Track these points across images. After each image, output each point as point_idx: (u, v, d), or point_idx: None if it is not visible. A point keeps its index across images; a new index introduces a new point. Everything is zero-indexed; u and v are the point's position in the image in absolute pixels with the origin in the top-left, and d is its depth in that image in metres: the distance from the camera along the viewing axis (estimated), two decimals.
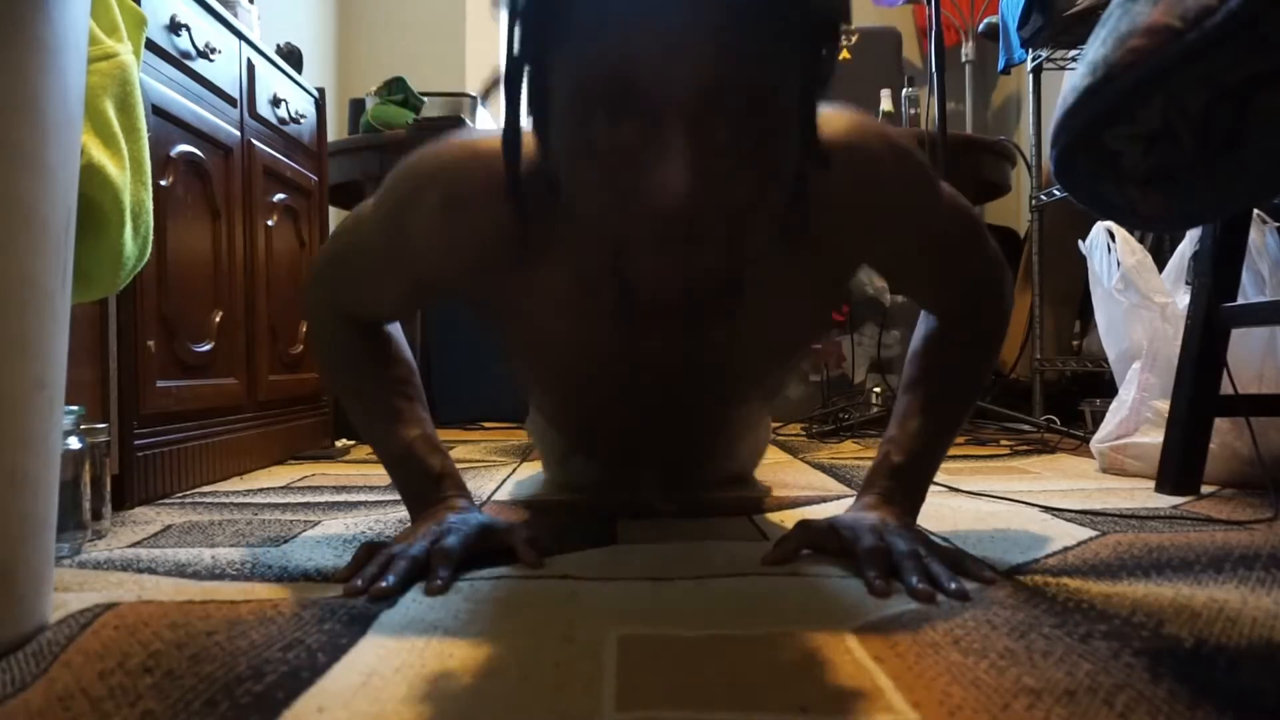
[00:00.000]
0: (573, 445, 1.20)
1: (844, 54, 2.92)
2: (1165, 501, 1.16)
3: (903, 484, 0.87)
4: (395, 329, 0.96)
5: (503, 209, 0.73)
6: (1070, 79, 0.74)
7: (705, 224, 0.59)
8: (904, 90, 2.73)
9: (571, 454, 1.26)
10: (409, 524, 0.88)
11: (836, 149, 0.69)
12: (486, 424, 2.52)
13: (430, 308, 0.90)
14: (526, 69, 0.63)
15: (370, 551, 0.79)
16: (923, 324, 0.95)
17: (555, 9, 0.59)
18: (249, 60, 1.61)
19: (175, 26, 1.33)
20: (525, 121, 0.66)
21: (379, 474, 1.51)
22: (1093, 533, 0.95)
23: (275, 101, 1.73)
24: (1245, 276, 1.27)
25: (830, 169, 0.68)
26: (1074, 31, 2.11)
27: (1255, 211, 1.29)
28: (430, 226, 0.78)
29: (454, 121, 2.40)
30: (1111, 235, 1.50)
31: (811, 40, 0.62)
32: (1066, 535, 0.94)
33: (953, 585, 0.70)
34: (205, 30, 1.43)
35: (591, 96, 0.58)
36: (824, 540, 0.82)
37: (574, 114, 0.60)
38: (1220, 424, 1.26)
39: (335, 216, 2.69)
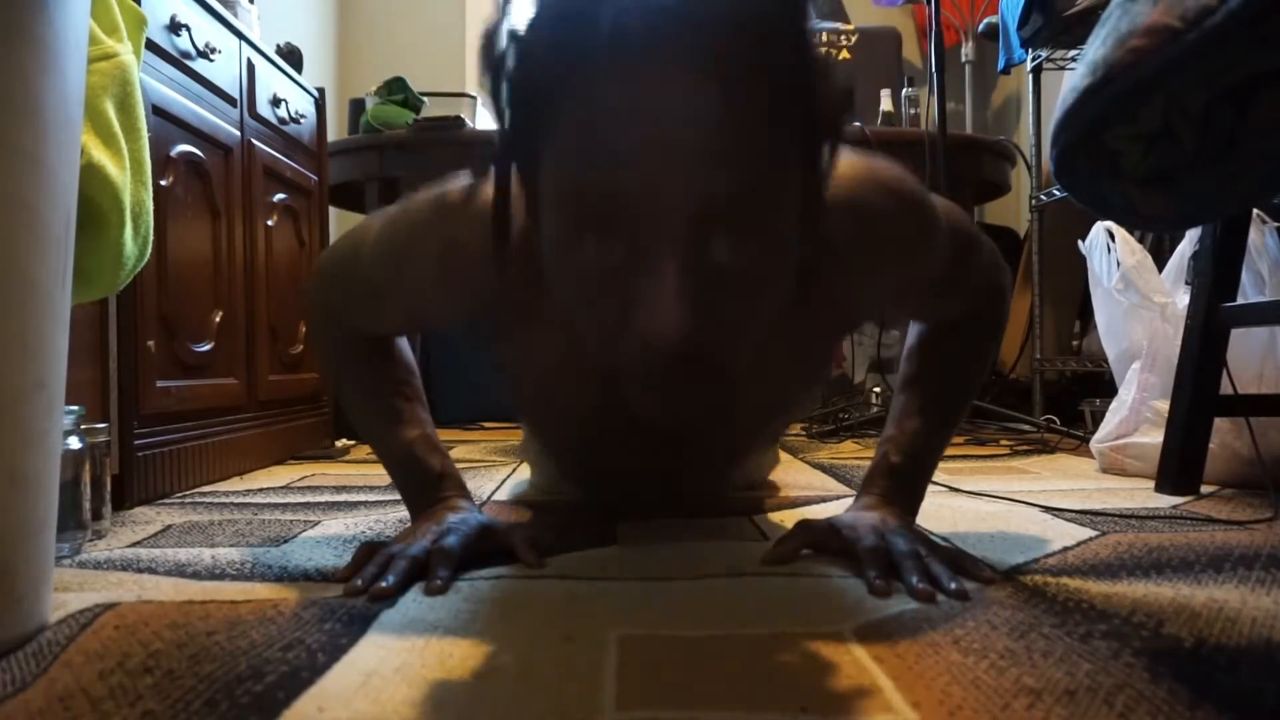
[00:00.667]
0: (566, 476, 1.18)
1: (844, 54, 2.93)
2: (1165, 501, 1.16)
3: (902, 483, 0.87)
4: None
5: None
6: (1070, 79, 0.74)
7: (701, 353, 0.55)
8: (904, 90, 2.73)
9: (564, 480, 1.24)
10: (409, 524, 0.88)
11: (835, 208, 0.65)
12: (486, 424, 2.52)
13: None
14: (515, 159, 0.60)
15: (370, 551, 0.79)
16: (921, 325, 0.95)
17: (540, 109, 0.55)
18: (249, 60, 1.61)
19: (175, 26, 1.33)
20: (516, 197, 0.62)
21: (379, 474, 1.51)
22: (1093, 533, 0.95)
23: (275, 101, 1.73)
24: (1245, 276, 1.27)
25: (829, 240, 0.64)
26: (1074, 31, 2.11)
27: (1255, 211, 1.29)
28: (427, 276, 0.77)
29: (454, 121, 2.40)
30: (1111, 235, 1.50)
31: (814, 137, 0.58)
32: (1066, 535, 0.94)
33: (953, 585, 0.70)
34: (205, 30, 1.43)
35: (576, 208, 0.55)
36: (824, 540, 0.82)
37: (561, 227, 0.56)
38: (1220, 424, 1.26)
39: (335, 216, 2.69)
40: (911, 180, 0.78)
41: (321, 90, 2.00)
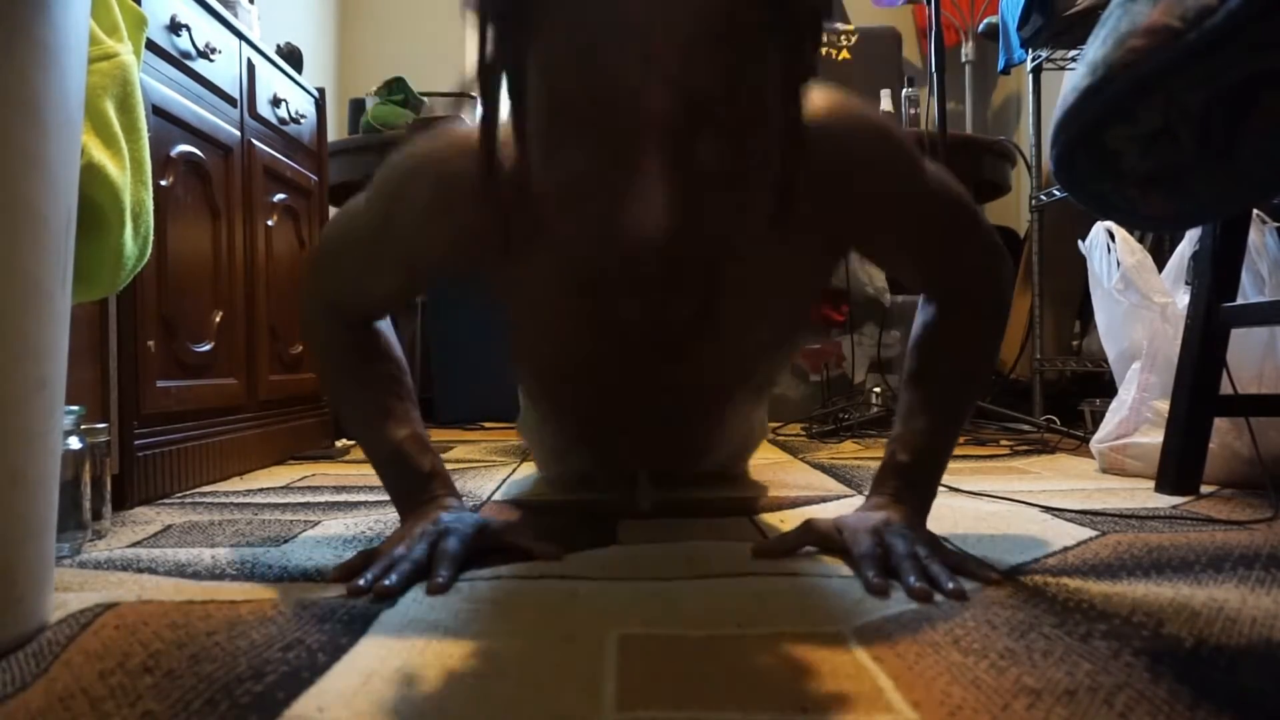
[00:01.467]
0: (562, 432, 1.20)
1: (844, 54, 2.93)
2: (1165, 501, 1.16)
3: (911, 483, 0.87)
4: (386, 327, 0.96)
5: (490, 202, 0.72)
6: (1070, 79, 0.74)
7: (686, 253, 0.57)
8: (904, 90, 2.73)
9: (562, 448, 1.26)
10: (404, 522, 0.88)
11: (814, 131, 0.66)
12: (486, 424, 2.52)
13: (424, 294, 0.89)
14: (501, 74, 0.61)
15: (368, 558, 0.79)
16: (921, 314, 0.94)
17: (523, 18, 0.56)
18: (249, 60, 1.61)
19: (175, 26, 1.33)
20: (505, 121, 0.64)
21: None
22: (1093, 533, 0.95)
23: (275, 101, 1.73)
24: (1245, 276, 1.27)
25: (809, 155, 0.65)
26: (1074, 31, 2.11)
27: (1255, 211, 1.29)
28: (418, 216, 0.78)
29: (454, 122, 2.40)
30: (1111, 235, 1.50)
31: (794, 36, 0.59)
32: (1066, 535, 0.94)
33: (950, 585, 0.70)
34: (205, 30, 1.43)
35: (563, 115, 0.56)
36: (827, 539, 0.83)
37: (547, 131, 0.57)
38: (1220, 424, 1.26)
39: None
40: (904, 132, 0.80)
41: (321, 90, 2.00)
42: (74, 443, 0.90)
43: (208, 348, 1.43)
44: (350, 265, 0.88)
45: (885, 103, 2.70)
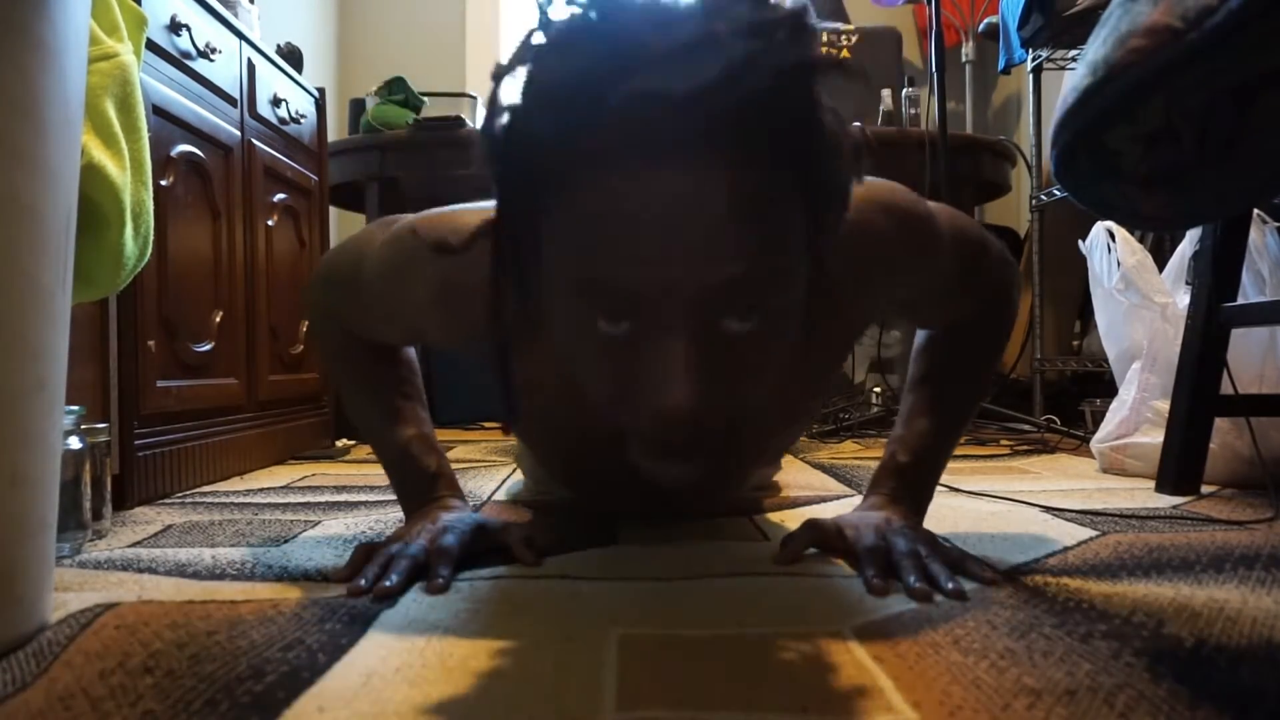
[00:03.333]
0: (563, 487, 1.16)
1: (844, 54, 2.93)
2: (1165, 501, 1.16)
3: (909, 483, 0.87)
4: None
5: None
6: (1070, 79, 0.74)
7: (711, 422, 0.55)
8: (904, 90, 2.73)
9: (561, 493, 1.22)
10: (406, 521, 0.88)
11: (836, 243, 0.63)
12: (486, 424, 2.52)
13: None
14: (518, 236, 0.58)
15: (368, 552, 0.79)
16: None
17: (540, 197, 0.54)
18: (249, 60, 1.61)
19: (175, 26, 1.33)
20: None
21: (379, 474, 1.51)
22: (1093, 533, 0.95)
23: (275, 101, 1.73)
24: (1245, 276, 1.27)
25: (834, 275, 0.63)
26: (1074, 31, 2.11)
27: (1255, 211, 1.29)
28: (423, 305, 0.78)
29: (454, 121, 2.40)
30: (1111, 235, 1.50)
31: (823, 213, 0.57)
32: (1066, 535, 0.94)
33: (950, 585, 0.70)
34: (205, 30, 1.43)
35: (582, 295, 0.54)
36: (829, 539, 0.83)
37: (565, 304, 0.56)
38: (1220, 424, 1.26)
39: (335, 216, 2.69)
40: (909, 196, 0.78)
41: (321, 90, 2.00)
42: (74, 443, 0.90)
43: (208, 348, 1.43)
44: (352, 310, 0.88)
45: (886, 103, 2.70)
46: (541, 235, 0.56)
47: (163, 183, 1.28)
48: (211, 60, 1.45)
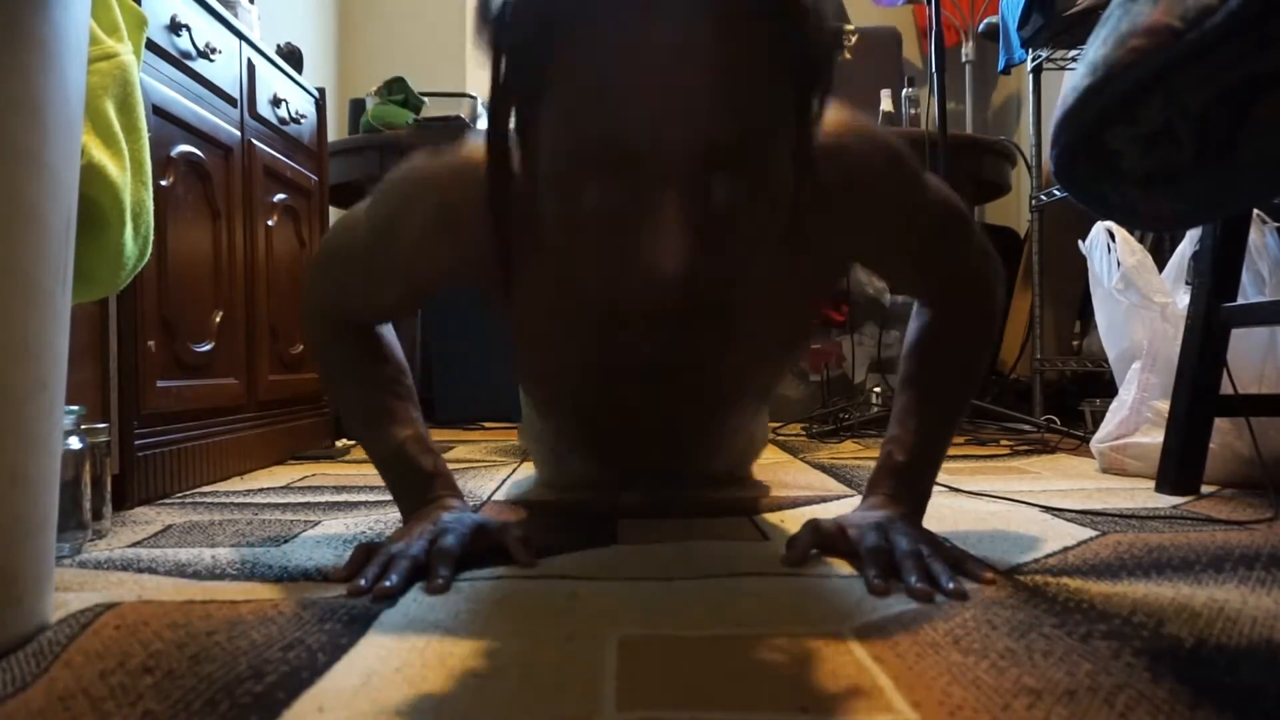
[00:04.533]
0: (565, 440, 1.20)
1: (844, 53, 2.92)
2: (1165, 501, 1.16)
3: (907, 483, 0.87)
4: (387, 330, 0.96)
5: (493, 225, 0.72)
6: (1070, 79, 0.74)
7: (700, 291, 0.57)
8: (904, 90, 2.73)
9: (564, 451, 1.26)
10: (405, 521, 0.88)
11: (824, 154, 0.67)
12: (486, 424, 2.52)
13: (426, 306, 0.89)
14: (512, 107, 0.60)
15: (368, 553, 0.79)
16: (916, 318, 0.95)
17: (540, 55, 0.56)
18: (249, 60, 1.61)
19: (175, 26, 1.33)
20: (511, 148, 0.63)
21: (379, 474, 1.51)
22: (1093, 533, 0.95)
23: (275, 101, 1.73)
24: (1245, 276, 1.27)
25: (819, 179, 0.66)
26: (1074, 31, 2.11)
27: (1255, 211, 1.29)
28: (419, 237, 0.78)
29: (454, 121, 2.40)
30: (1111, 235, 1.50)
31: (808, 77, 0.59)
32: (1066, 535, 0.94)
33: (951, 585, 0.70)
34: (205, 30, 1.43)
35: (578, 157, 0.56)
36: (831, 540, 0.83)
37: (561, 170, 0.57)
38: (1220, 424, 1.26)
39: (335, 216, 2.68)
40: (896, 138, 0.81)
41: (321, 90, 2.00)
42: (74, 443, 0.90)
43: (208, 348, 1.43)
44: (350, 276, 0.88)
45: (885, 103, 2.70)
46: (539, 105, 0.58)
47: (163, 183, 1.28)
48: (211, 60, 1.45)
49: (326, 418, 1.94)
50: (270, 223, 1.68)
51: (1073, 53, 2.26)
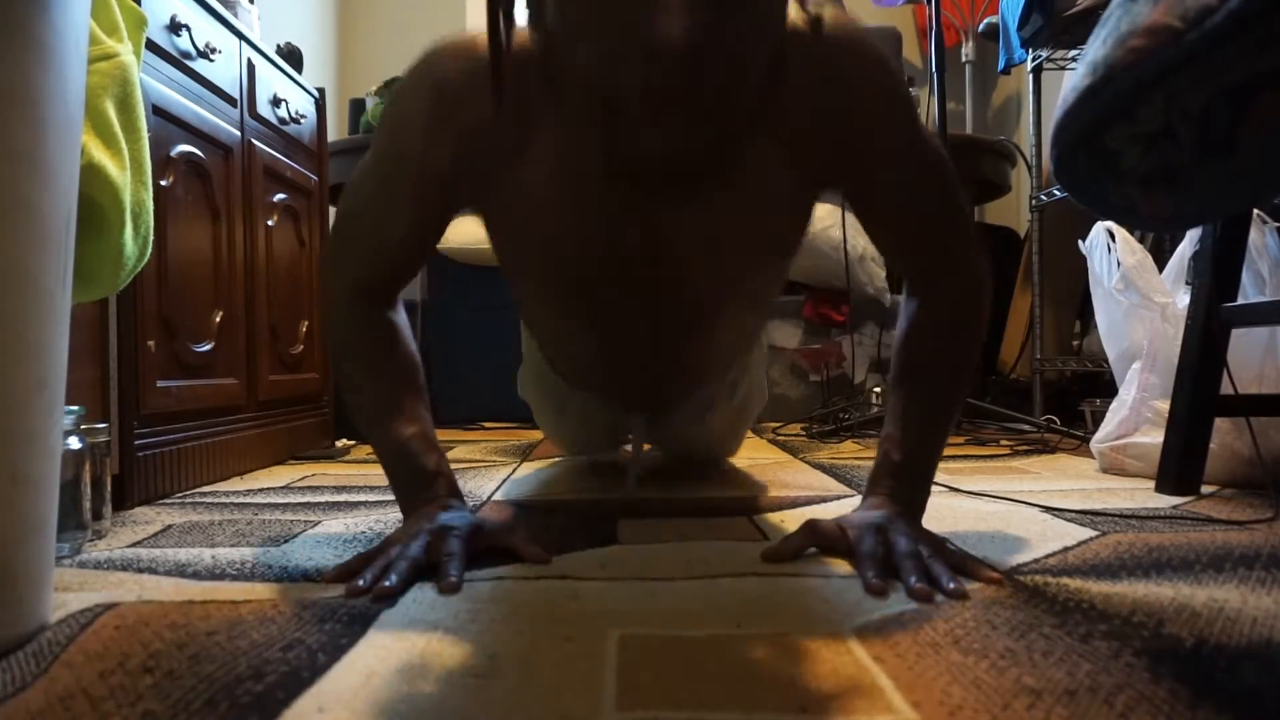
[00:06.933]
0: (566, 370, 1.25)
1: None
2: (1165, 501, 1.16)
3: (905, 481, 0.87)
4: (403, 322, 0.96)
5: (490, 97, 0.76)
6: (1070, 79, 0.74)
7: (699, 71, 0.64)
8: None
9: (562, 394, 1.31)
10: (404, 522, 0.88)
11: (820, 42, 0.74)
12: (486, 424, 2.52)
13: (436, 243, 0.93)
14: None
15: (367, 557, 0.79)
16: (905, 310, 0.94)
17: None
18: (249, 60, 1.61)
19: (175, 26, 1.33)
20: None
21: (379, 474, 1.51)
22: (1093, 533, 0.95)
23: (275, 101, 1.73)
24: (1245, 276, 1.27)
25: (813, 41, 0.74)
26: (1074, 31, 2.11)
27: (1255, 211, 1.29)
28: (420, 128, 0.83)
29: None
30: (1111, 235, 1.50)
31: None
32: (1066, 535, 0.94)
33: (951, 585, 0.70)
34: (205, 30, 1.43)
35: None
36: (830, 540, 0.83)
37: None
38: (1220, 424, 1.26)
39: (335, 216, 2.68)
40: (895, 62, 0.88)
41: (321, 90, 2.00)
42: (74, 443, 0.90)
43: (208, 348, 1.43)
44: (367, 212, 0.90)
45: None
46: None
47: (163, 183, 1.28)
48: (211, 60, 1.45)
49: (326, 418, 1.94)
50: (270, 223, 1.68)
51: (1073, 53, 2.26)
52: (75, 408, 0.90)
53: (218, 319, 1.47)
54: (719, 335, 1.10)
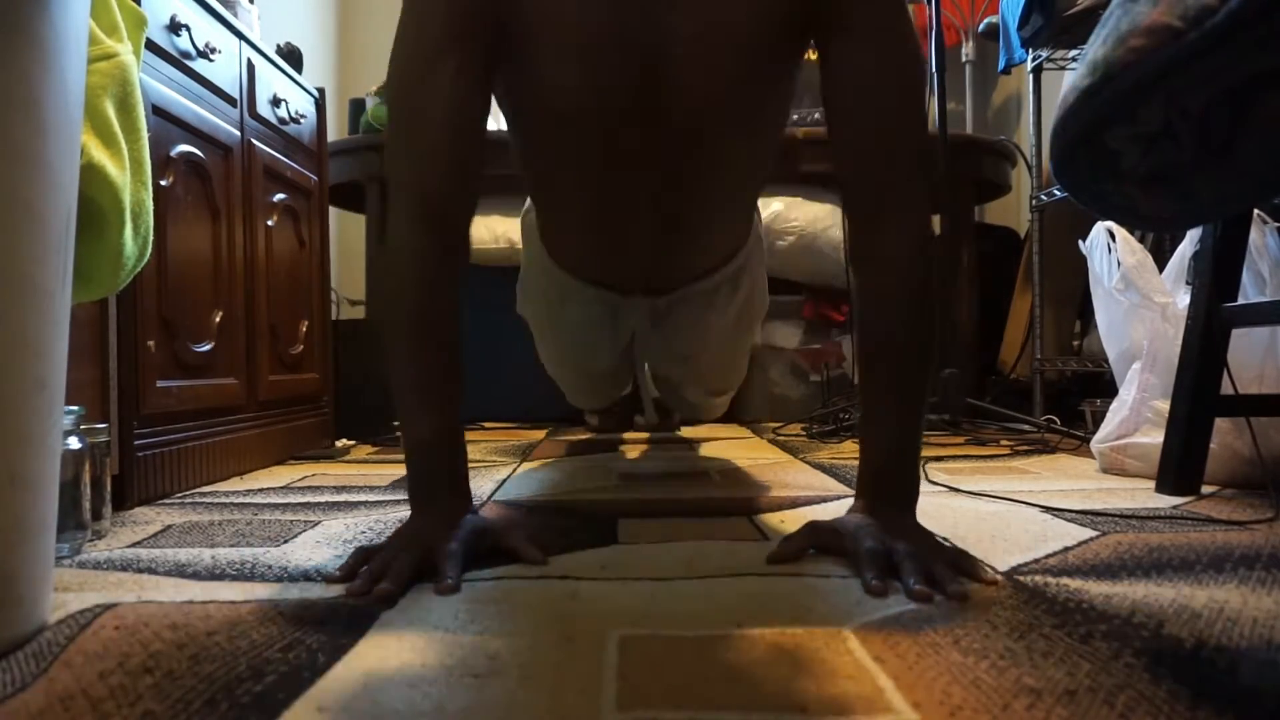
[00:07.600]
0: (564, 240, 1.30)
1: None
2: (1165, 501, 1.16)
3: (893, 479, 0.86)
4: (462, 269, 0.94)
5: None
6: (1070, 79, 0.74)
7: None
8: None
9: (566, 284, 1.37)
10: (406, 520, 0.88)
11: None
12: (486, 424, 2.52)
13: (486, 98, 0.96)
14: None
15: (366, 556, 0.79)
16: (855, 283, 0.93)
17: None
18: (249, 60, 1.61)
19: (175, 26, 1.33)
20: None
21: (379, 474, 1.51)
22: (1093, 533, 0.95)
23: (275, 101, 1.73)
24: (1245, 276, 1.27)
25: None
26: (1074, 31, 2.11)
27: (1255, 211, 1.29)
28: None
29: None
30: (1111, 235, 1.50)
31: None
32: (1066, 535, 0.94)
33: (952, 586, 0.70)
34: (205, 30, 1.43)
35: None
36: (829, 541, 0.83)
37: None
38: (1220, 424, 1.26)
39: (335, 216, 2.68)
40: None
41: (321, 90, 2.00)
42: (74, 443, 0.90)
43: (208, 348, 1.43)
44: (408, 84, 0.94)
45: None
46: None
47: (163, 183, 1.28)
48: (211, 60, 1.45)
49: (326, 418, 1.94)
50: (270, 223, 1.68)
51: (1073, 53, 2.26)
52: (75, 408, 0.90)
53: (217, 319, 1.47)
54: (716, 190, 1.12)
